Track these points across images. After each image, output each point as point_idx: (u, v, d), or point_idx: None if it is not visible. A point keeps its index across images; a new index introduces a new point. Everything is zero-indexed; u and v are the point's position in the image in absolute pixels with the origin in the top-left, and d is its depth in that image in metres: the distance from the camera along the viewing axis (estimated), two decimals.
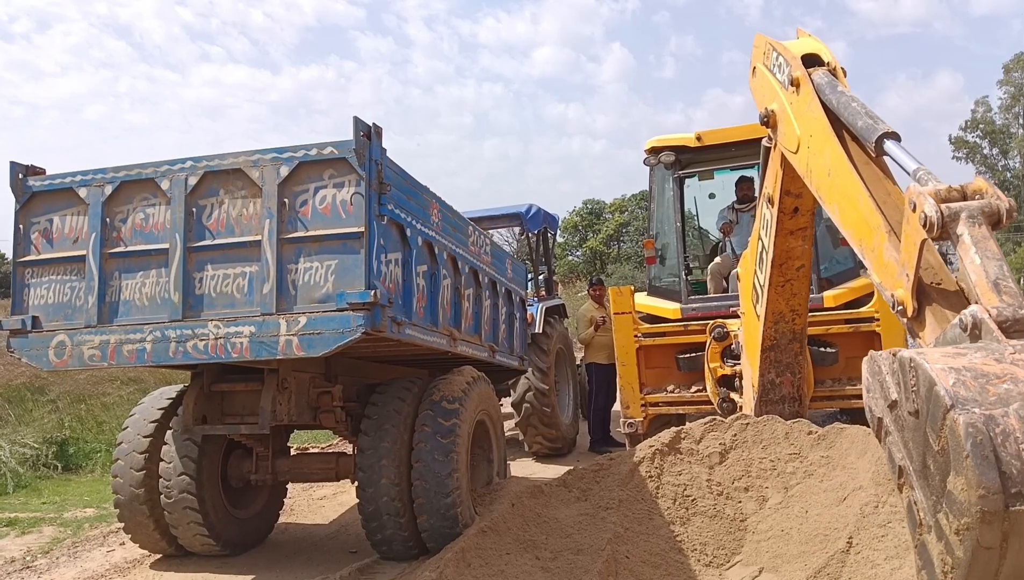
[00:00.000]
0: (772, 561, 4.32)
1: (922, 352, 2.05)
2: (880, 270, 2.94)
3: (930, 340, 2.50)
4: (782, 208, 4.65)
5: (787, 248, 4.92)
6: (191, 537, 5.34)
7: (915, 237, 2.53)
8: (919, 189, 2.49)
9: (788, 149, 4.10)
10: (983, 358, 1.98)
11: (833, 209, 3.52)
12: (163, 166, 4.58)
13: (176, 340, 4.39)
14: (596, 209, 49.66)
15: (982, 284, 2.29)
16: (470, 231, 5.92)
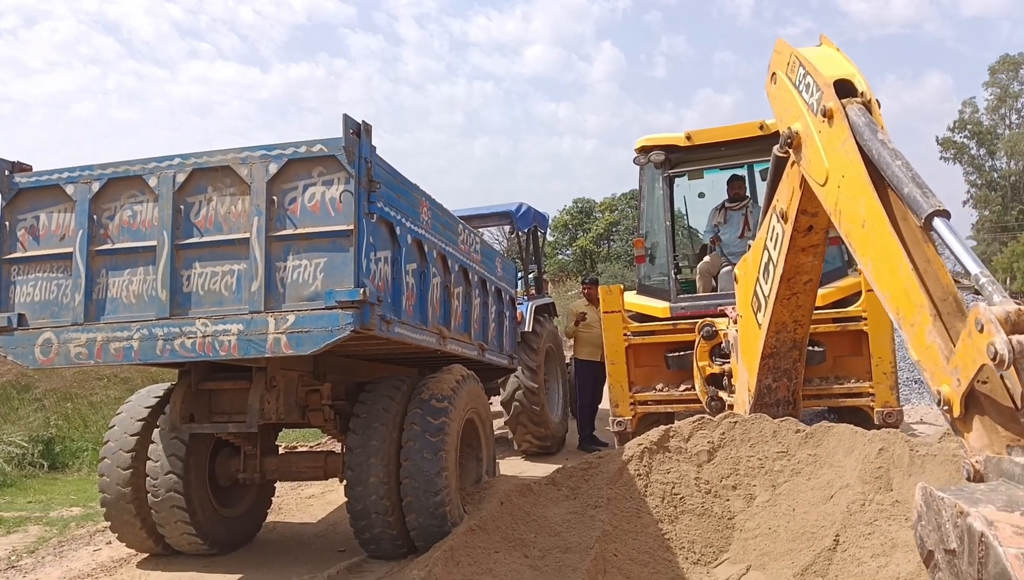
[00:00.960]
0: (759, 559, 4.34)
1: (993, 523, 2.07)
2: (920, 350, 2.92)
3: (976, 446, 2.53)
4: (797, 226, 4.54)
5: (797, 264, 4.85)
6: (178, 536, 5.32)
7: (975, 356, 2.50)
8: (988, 313, 2.43)
9: (814, 179, 3.94)
10: None
11: (866, 263, 3.43)
12: (151, 163, 4.55)
13: (163, 338, 4.37)
14: (586, 208, 49.74)
15: None
16: (460, 229, 5.92)
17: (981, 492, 2.27)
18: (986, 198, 55.10)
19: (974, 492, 2.27)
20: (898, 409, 6.62)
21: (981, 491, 2.28)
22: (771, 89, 4.50)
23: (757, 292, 5.40)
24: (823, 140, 3.78)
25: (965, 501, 2.18)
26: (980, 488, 2.33)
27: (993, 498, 2.23)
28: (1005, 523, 2.10)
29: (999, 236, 52.37)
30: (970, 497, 2.21)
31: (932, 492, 2.34)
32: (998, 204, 54.33)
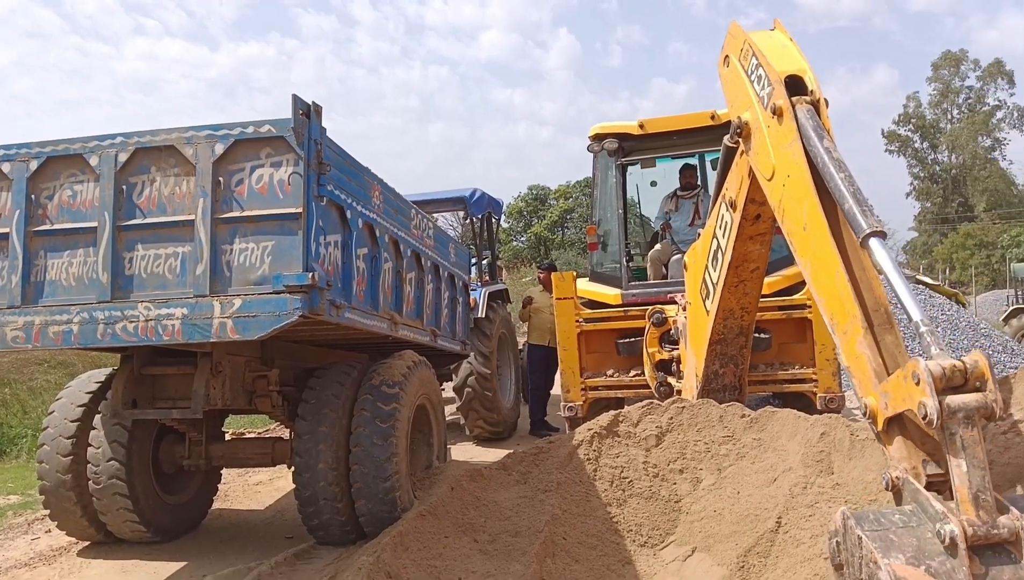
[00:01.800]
0: (705, 541, 4.42)
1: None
2: (851, 359, 3.08)
3: (896, 457, 2.74)
4: (745, 215, 4.62)
5: (745, 252, 4.94)
6: (120, 524, 5.21)
7: (906, 398, 2.63)
8: (926, 371, 2.52)
9: (761, 173, 4.03)
10: None
11: (805, 265, 3.55)
12: (92, 142, 4.41)
13: (104, 322, 4.25)
14: (541, 195, 49.81)
15: (963, 493, 2.45)
16: (413, 214, 5.88)
17: (895, 531, 2.47)
18: (928, 190, 56.81)
19: (888, 531, 2.47)
20: (840, 395, 6.81)
21: (895, 529, 2.48)
22: (723, 72, 4.55)
23: (706, 279, 5.49)
24: (771, 136, 3.85)
25: (879, 547, 2.42)
26: (895, 522, 2.52)
27: (905, 543, 2.46)
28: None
29: (939, 227, 54.09)
30: (884, 540, 2.46)
31: (851, 524, 2.53)
32: (939, 196, 56.08)
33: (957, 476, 2.49)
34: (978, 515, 2.42)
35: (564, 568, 4.32)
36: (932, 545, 2.46)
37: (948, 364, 2.53)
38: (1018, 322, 19.06)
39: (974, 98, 56.08)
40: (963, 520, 2.40)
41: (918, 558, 2.42)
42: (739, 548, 4.18)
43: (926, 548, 2.46)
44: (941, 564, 2.39)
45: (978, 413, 2.50)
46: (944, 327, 12.11)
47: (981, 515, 2.42)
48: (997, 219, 49.64)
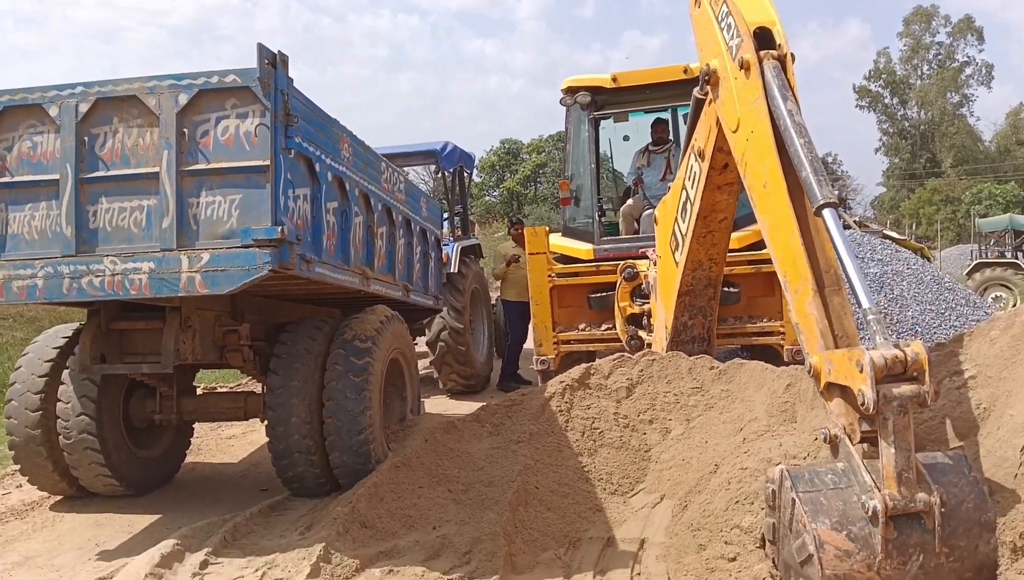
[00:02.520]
0: (673, 488, 4.53)
1: (823, 544, 2.75)
2: (800, 317, 3.35)
3: (835, 412, 3.02)
4: (713, 164, 4.69)
5: (713, 201, 5.01)
6: (93, 478, 5.20)
7: (848, 376, 2.90)
8: (868, 361, 2.75)
9: (727, 123, 4.11)
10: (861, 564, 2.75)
11: (762, 222, 3.73)
12: (51, 91, 4.29)
13: (70, 276, 4.19)
14: (513, 149, 49.40)
15: (889, 471, 2.78)
16: (383, 168, 5.82)
17: (825, 494, 2.87)
18: (897, 146, 57.29)
19: (820, 493, 2.87)
20: None
21: (826, 492, 2.88)
22: (694, 13, 4.56)
23: (675, 231, 5.54)
24: (738, 89, 3.91)
25: (809, 511, 2.81)
26: (827, 483, 2.91)
27: (832, 507, 2.84)
28: (832, 545, 2.78)
29: (907, 183, 54.70)
30: (814, 503, 2.84)
31: (787, 486, 2.92)
32: (907, 152, 56.60)
33: (885, 456, 2.80)
34: (899, 491, 2.75)
35: (536, 516, 4.41)
36: (856, 511, 2.81)
37: (890, 355, 2.77)
38: (981, 276, 19.49)
39: (944, 54, 56.32)
40: (886, 495, 2.74)
41: (842, 523, 2.80)
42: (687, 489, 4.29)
43: (850, 513, 2.82)
44: (860, 529, 2.78)
45: (911, 402, 2.77)
46: (909, 281, 12.32)
47: (902, 491, 2.75)
48: (963, 175, 50.34)
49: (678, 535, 3.85)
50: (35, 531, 4.97)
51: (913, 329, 11.49)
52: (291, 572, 3.79)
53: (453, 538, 3.98)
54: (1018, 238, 21.61)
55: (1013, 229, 21.89)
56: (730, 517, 3.62)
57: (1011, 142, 54.05)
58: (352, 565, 3.75)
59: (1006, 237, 22.29)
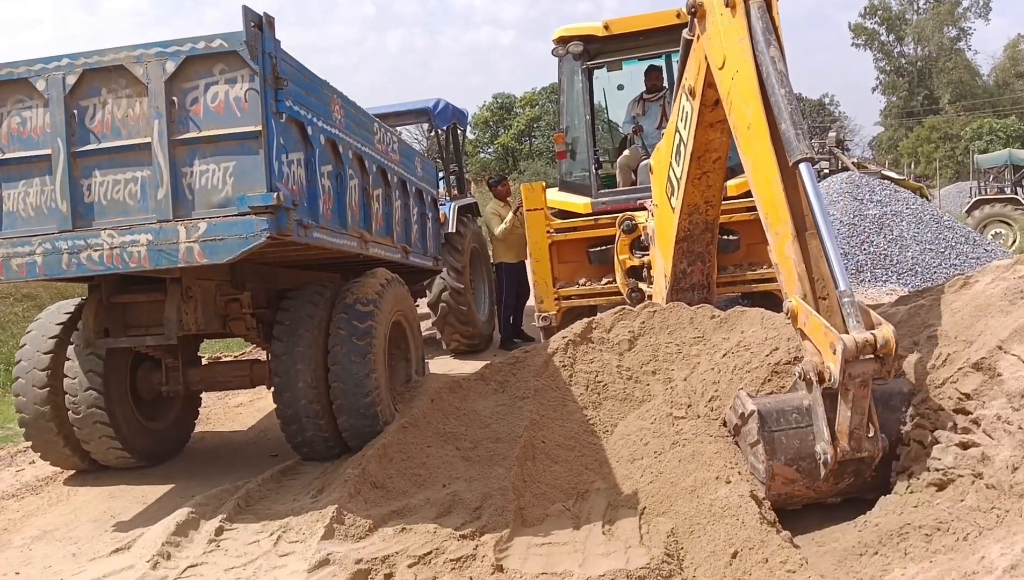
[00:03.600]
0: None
1: (774, 476, 3.53)
2: (780, 258, 3.66)
3: (808, 350, 3.39)
4: (704, 100, 4.71)
5: (706, 140, 5.02)
6: (104, 451, 5.26)
7: (822, 343, 3.27)
8: (841, 345, 3.12)
9: (713, 59, 4.21)
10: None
11: (746, 162, 3.95)
12: (37, 64, 4.22)
13: (68, 252, 4.17)
14: (506, 104, 48.88)
15: (843, 428, 3.27)
16: (376, 128, 5.75)
17: (786, 434, 3.50)
18: (894, 84, 56.62)
19: (782, 432, 3.51)
20: None
21: (787, 431, 3.50)
22: None
23: (670, 177, 5.52)
24: (723, 26, 3.99)
25: (768, 450, 3.49)
26: (791, 422, 3.50)
27: (790, 445, 3.49)
28: (781, 476, 3.50)
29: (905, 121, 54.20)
30: (775, 441, 3.50)
31: (753, 425, 3.53)
32: (905, 90, 55.95)
33: (842, 416, 3.25)
34: (849, 444, 3.28)
35: (544, 469, 4.47)
36: (809, 449, 3.43)
37: (861, 339, 3.13)
38: (980, 213, 19.41)
39: None
40: (837, 449, 3.28)
41: (794, 459, 3.48)
42: None
43: (804, 451, 3.46)
44: (809, 465, 3.45)
45: (873, 378, 3.18)
46: (908, 221, 12.28)
47: (852, 444, 3.28)
48: (962, 111, 49.84)
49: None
50: (51, 506, 5.04)
51: (913, 269, 11.50)
52: (305, 535, 3.86)
53: (463, 495, 4.03)
54: (1017, 173, 21.46)
55: (1012, 164, 21.73)
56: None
57: (1010, 75, 53.40)
58: (365, 525, 3.81)
59: (1005, 173, 22.14)
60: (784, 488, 3.53)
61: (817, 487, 3.51)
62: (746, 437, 3.67)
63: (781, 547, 3.09)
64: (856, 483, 3.54)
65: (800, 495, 3.57)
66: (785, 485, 3.52)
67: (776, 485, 3.51)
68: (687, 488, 3.67)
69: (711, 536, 3.28)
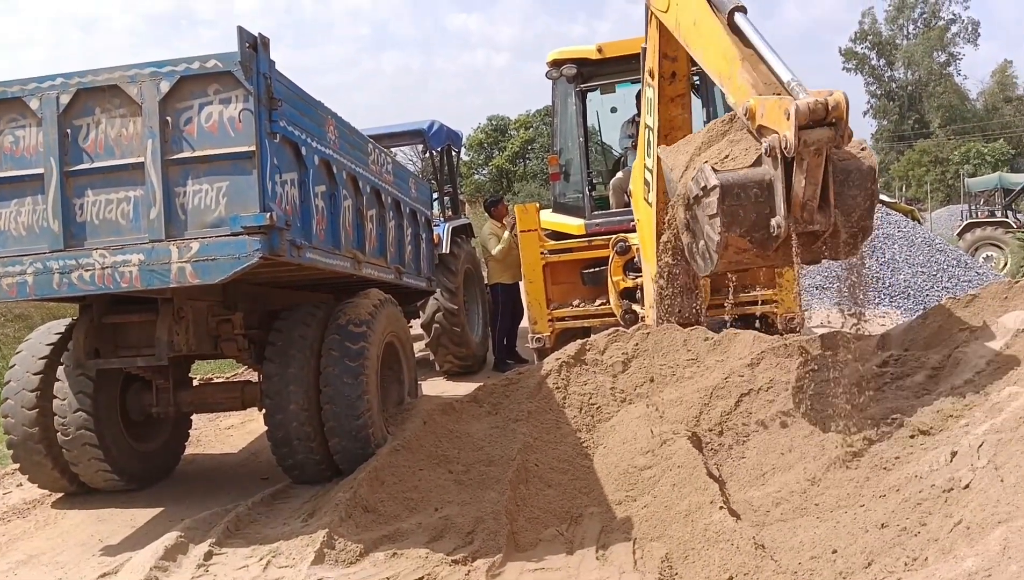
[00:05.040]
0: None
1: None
2: (735, 92, 3.89)
3: (764, 138, 3.59)
4: (662, 73, 5.25)
5: (670, 117, 5.43)
6: (93, 474, 5.19)
7: (776, 122, 3.47)
8: (793, 108, 3.31)
9: (659, 9, 4.77)
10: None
11: (699, 54, 4.35)
12: (31, 84, 4.22)
13: (59, 271, 4.14)
14: (501, 125, 49.13)
15: (797, 200, 3.48)
16: (370, 149, 5.76)
17: (744, 207, 3.61)
18: (885, 108, 57.11)
19: (740, 207, 3.61)
20: (800, 314, 6.97)
21: (746, 205, 3.60)
22: None
23: (645, 177, 5.74)
24: None
25: (725, 222, 3.59)
26: (750, 198, 3.59)
27: (746, 218, 3.60)
28: (734, 247, 3.66)
29: (896, 145, 54.64)
30: (733, 214, 3.61)
31: (714, 198, 3.62)
32: (895, 114, 56.43)
33: (797, 186, 3.44)
34: (802, 216, 3.49)
35: (537, 493, 4.43)
36: (763, 223, 3.58)
37: (812, 101, 3.31)
38: (972, 236, 19.53)
39: (929, 12, 56.00)
40: (790, 221, 3.48)
41: (749, 231, 3.62)
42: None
43: (759, 224, 3.60)
44: (762, 236, 3.62)
45: (827, 145, 3.36)
46: (900, 244, 12.35)
47: (804, 216, 3.49)
48: (952, 135, 50.28)
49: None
50: (38, 529, 4.96)
51: (905, 292, 11.53)
52: (295, 559, 3.81)
53: (455, 519, 3.99)
54: (1008, 197, 21.63)
55: (1002, 187, 21.89)
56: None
57: (998, 100, 53.95)
58: (356, 550, 3.76)
59: (996, 196, 22.30)
60: (735, 257, 3.71)
61: (766, 257, 3.71)
62: (705, 208, 3.72)
63: (776, 573, 3.06)
64: (806, 256, 3.71)
65: (748, 262, 3.81)
66: (736, 254, 3.69)
67: (728, 254, 3.67)
68: (681, 512, 3.64)
69: (705, 561, 3.24)
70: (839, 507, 3.43)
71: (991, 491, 2.76)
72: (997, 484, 2.77)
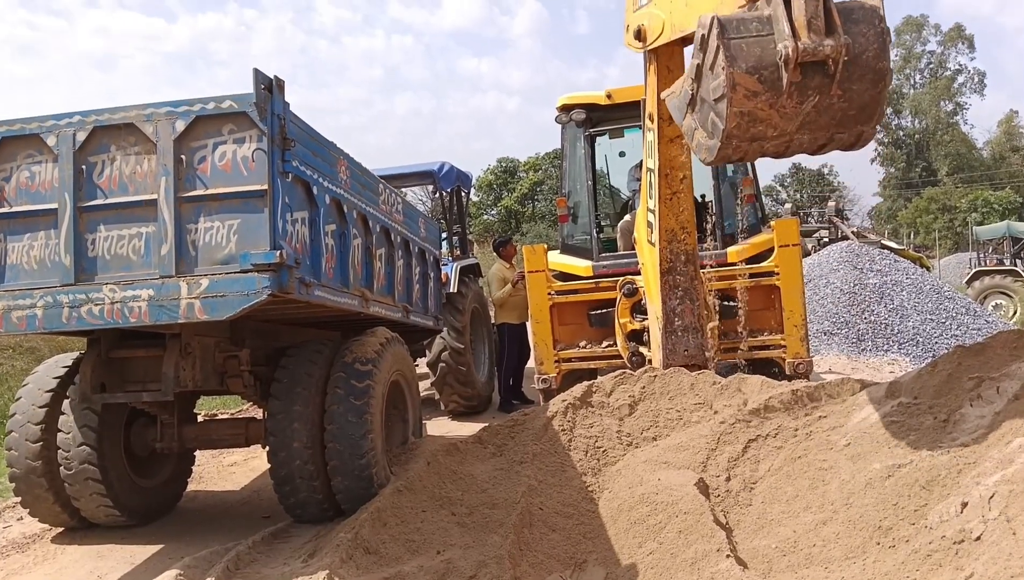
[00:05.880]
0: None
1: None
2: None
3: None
4: (660, 115, 5.29)
5: (670, 157, 5.50)
6: (94, 509, 5.16)
7: None
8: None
9: (654, 34, 4.91)
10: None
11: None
12: (49, 121, 4.31)
13: (69, 305, 4.18)
14: (510, 167, 49.61)
15: (800, 21, 3.29)
16: (381, 189, 5.82)
17: (747, 41, 3.39)
18: (892, 156, 57.46)
19: (743, 40, 3.40)
20: (808, 360, 6.94)
21: (748, 39, 3.39)
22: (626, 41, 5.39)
23: (649, 219, 5.86)
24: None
25: (728, 57, 3.35)
26: (751, 31, 3.40)
27: (751, 53, 3.37)
28: (743, 87, 3.38)
29: (904, 192, 54.84)
30: (736, 49, 3.38)
31: (715, 33, 3.39)
32: (903, 161, 56.76)
33: (796, 6, 3.26)
34: (809, 37, 3.23)
35: (541, 537, 4.37)
36: (770, 56, 3.33)
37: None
38: (980, 284, 19.48)
39: (936, 63, 56.65)
40: (797, 43, 3.22)
41: (756, 67, 3.37)
42: None
43: (765, 59, 3.35)
44: (771, 73, 3.34)
45: None
46: (909, 291, 12.31)
47: (812, 37, 3.24)
48: (959, 183, 50.47)
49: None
50: (36, 564, 4.92)
51: (915, 339, 11.47)
52: None
53: (458, 562, 3.93)
54: (1016, 245, 21.61)
55: (1011, 236, 21.90)
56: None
57: (1005, 149, 54.25)
58: None
59: (1004, 244, 22.29)
60: (747, 104, 3.41)
61: (781, 106, 3.41)
62: (708, 52, 3.51)
63: None
64: (822, 118, 3.46)
65: (764, 118, 3.46)
66: (748, 99, 3.40)
67: (738, 98, 3.38)
68: (687, 560, 3.58)
69: None
70: (847, 558, 3.37)
71: (1003, 544, 2.71)
72: (1009, 537, 2.72)
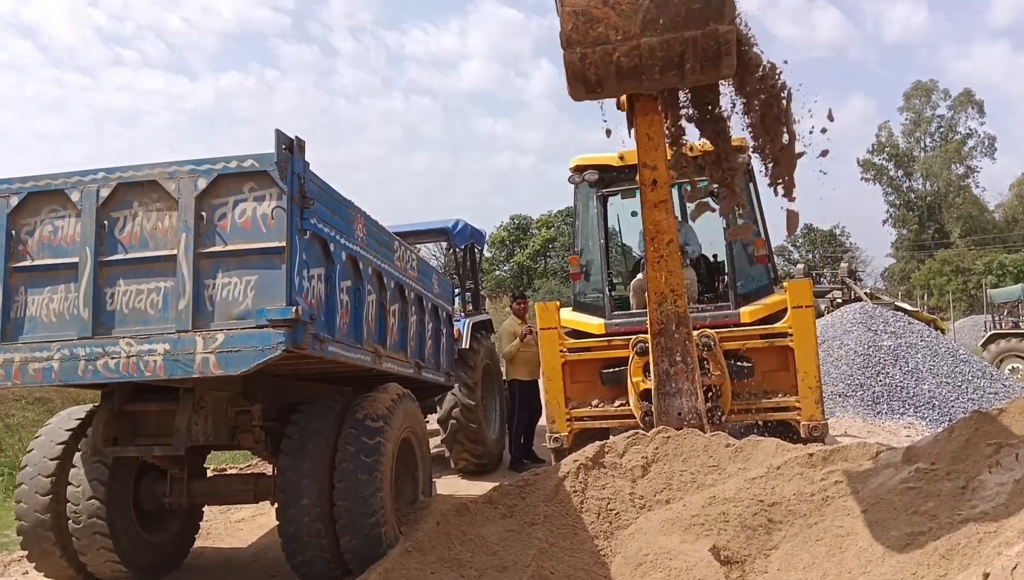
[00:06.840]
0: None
1: None
2: None
3: None
4: (642, 181, 5.52)
5: (655, 221, 5.62)
6: (101, 564, 5.10)
7: None
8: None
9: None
10: None
11: None
12: (73, 177, 4.41)
13: (85, 358, 4.21)
14: (523, 224, 50.02)
15: None
16: (396, 246, 5.88)
17: None
18: (904, 217, 57.62)
19: None
20: (823, 422, 6.85)
21: None
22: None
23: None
24: None
25: None
26: None
27: None
28: None
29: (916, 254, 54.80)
30: None
31: None
32: (915, 223, 56.89)
33: None
34: None
35: None
36: None
37: None
38: (996, 347, 19.29)
39: (945, 127, 57.18)
40: None
41: None
42: None
43: None
44: None
45: None
46: (924, 354, 12.21)
47: None
48: (972, 245, 50.43)
49: None
50: None
51: (930, 402, 11.34)
52: None
53: None
54: None
55: None
56: None
57: (1018, 212, 54.30)
58: None
59: (1019, 307, 22.14)
60: (579, 1, 3.66)
61: (616, 2, 3.68)
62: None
63: None
64: (665, 15, 3.72)
65: (601, 16, 3.69)
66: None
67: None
68: None
69: None
70: None
71: None
72: None
